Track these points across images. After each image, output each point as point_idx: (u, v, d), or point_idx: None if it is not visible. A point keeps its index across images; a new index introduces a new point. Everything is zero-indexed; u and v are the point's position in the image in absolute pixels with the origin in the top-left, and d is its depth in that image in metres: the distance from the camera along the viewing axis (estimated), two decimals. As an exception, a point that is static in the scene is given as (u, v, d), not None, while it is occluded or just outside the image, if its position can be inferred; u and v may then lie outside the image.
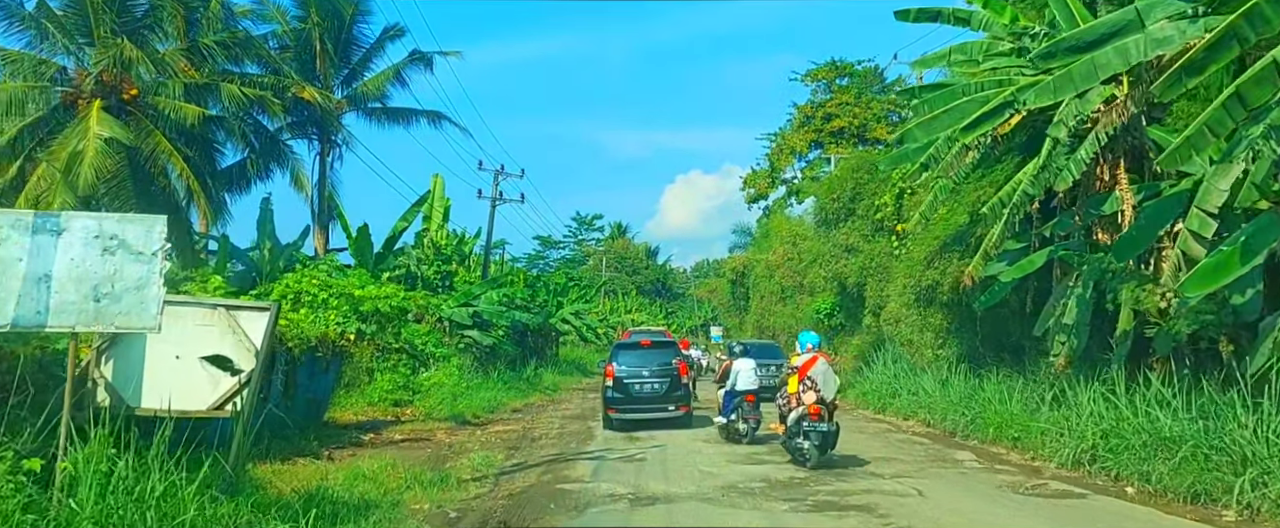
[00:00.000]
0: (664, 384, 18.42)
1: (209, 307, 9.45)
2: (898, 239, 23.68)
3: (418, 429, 19.01)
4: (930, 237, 18.94)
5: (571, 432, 18.12)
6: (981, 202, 18.15)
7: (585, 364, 47.01)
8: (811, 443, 12.33)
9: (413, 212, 29.08)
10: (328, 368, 18.66)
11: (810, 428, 12.34)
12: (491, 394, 25.87)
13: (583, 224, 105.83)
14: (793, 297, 44.04)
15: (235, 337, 9.22)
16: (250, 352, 9.11)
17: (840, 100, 58.62)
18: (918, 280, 18.75)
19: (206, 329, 9.25)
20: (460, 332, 28.94)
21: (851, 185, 24.94)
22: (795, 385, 12.90)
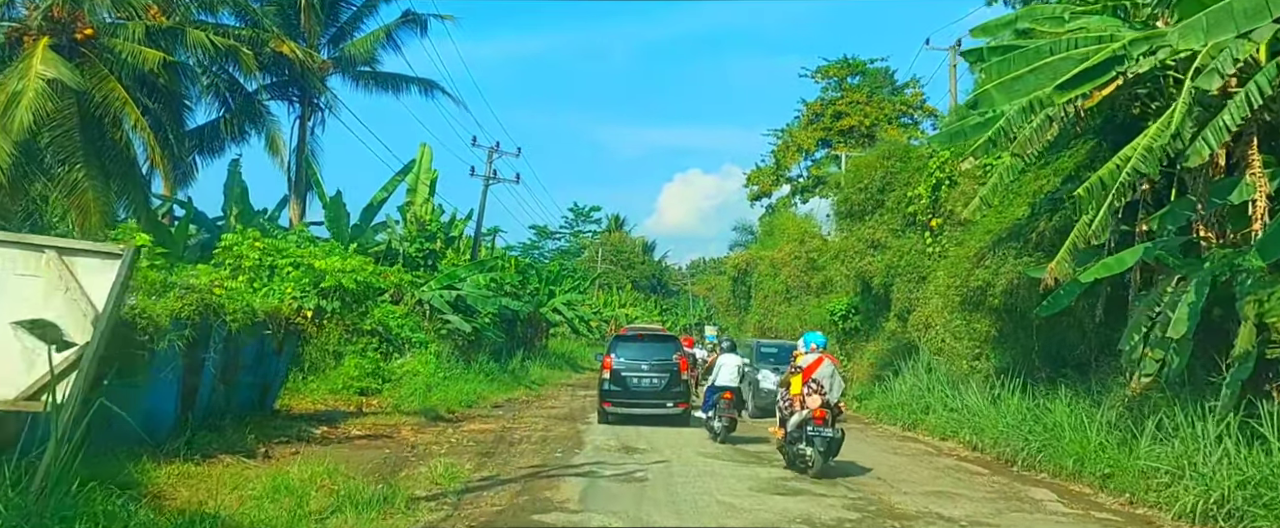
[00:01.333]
0: (663, 380, 17.77)
1: (32, 248, 6.47)
2: (931, 235, 21.22)
3: (381, 424, 16.54)
4: (981, 231, 16.46)
5: (557, 436, 15.62)
6: (1042, 191, 15.71)
7: (576, 358, 44.52)
8: (816, 449, 11.66)
9: (395, 181, 26.55)
10: (280, 349, 16.17)
11: (815, 433, 11.69)
12: (471, 386, 23.38)
13: (580, 216, 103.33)
14: (799, 297, 41.52)
15: (67, 295, 6.35)
16: (87, 317, 6.31)
17: (851, 99, 56.62)
18: (964, 281, 16.27)
19: (27, 281, 6.38)
20: (441, 316, 26.42)
21: (881, 174, 22.45)
22: (798, 387, 12.18)
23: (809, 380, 12.16)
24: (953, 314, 16.99)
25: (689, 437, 16.07)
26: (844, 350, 29.49)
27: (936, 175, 21.01)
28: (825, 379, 12.11)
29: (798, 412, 12.06)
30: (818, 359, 12.36)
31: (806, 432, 11.85)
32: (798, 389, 12.24)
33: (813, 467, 11.72)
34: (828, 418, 11.84)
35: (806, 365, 12.35)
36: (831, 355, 12.87)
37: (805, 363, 12.42)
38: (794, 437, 12.11)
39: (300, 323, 16.03)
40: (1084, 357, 14.97)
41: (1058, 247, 15.03)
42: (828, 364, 12.33)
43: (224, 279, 13.49)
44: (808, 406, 11.93)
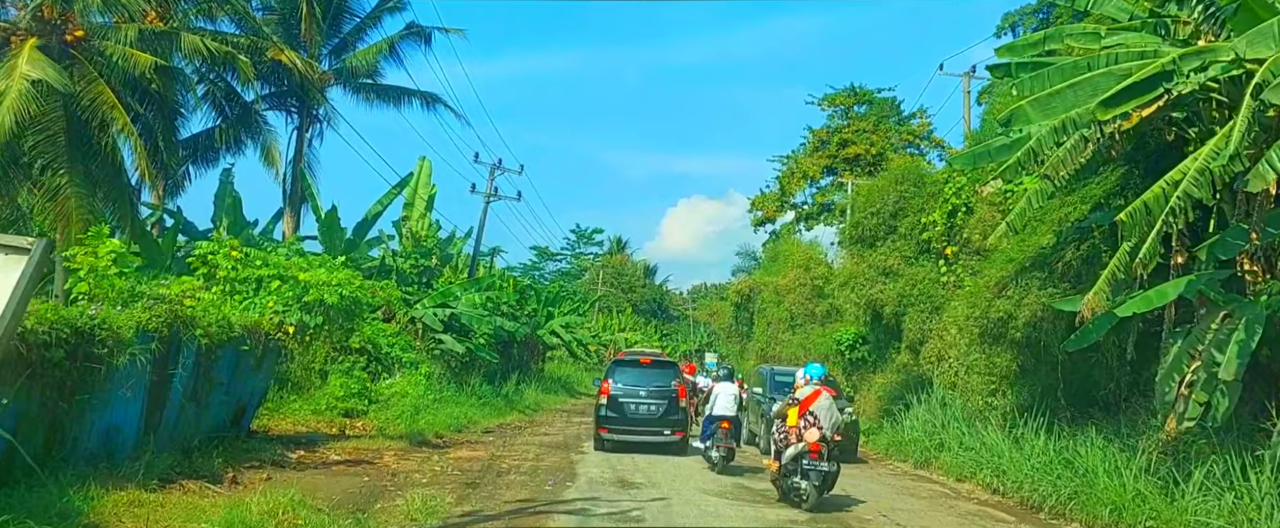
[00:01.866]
0: (661, 406, 17.32)
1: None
2: (946, 264, 20.36)
3: (363, 448, 15.62)
4: (1002, 260, 15.59)
5: (549, 466, 14.69)
6: (1068, 218, 14.88)
7: (573, 383, 43.57)
8: (811, 483, 11.46)
9: (392, 195, 25.77)
10: (259, 366, 15.26)
11: (811, 467, 11.49)
12: (462, 410, 22.48)
13: (582, 238, 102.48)
14: (803, 325, 40.57)
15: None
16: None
17: (857, 127, 56.18)
18: (984, 312, 15.39)
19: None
20: (434, 336, 25.53)
21: (894, 198, 21.61)
22: (795, 419, 11.99)
23: (806, 413, 11.96)
24: (970, 347, 16.09)
25: (688, 469, 15.14)
26: (851, 382, 28.54)
27: (952, 201, 20.19)
28: (822, 412, 11.90)
29: (794, 445, 11.81)
30: (816, 391, 12.16)
31: (802, 465, 11.61)
32: (794, 421, 12.03)
33: (807, 501, 11.50)
34: (824, 452, 11.61)
35: (804, 397, 12.14)
36: (830, 388, 12.68)
37: (803, 395, 12.22)
38: (789, 470, 11.86)
39: (281, 339, 15.17)
40: (1113, 396, 14.07)
41: (1085, 277, 14.22)
42: (826, 397, 12.11)
43: (196, 289, 12.58)
44: (805, 438, 11.71)
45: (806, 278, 41.26)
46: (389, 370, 22.55)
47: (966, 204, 20.07)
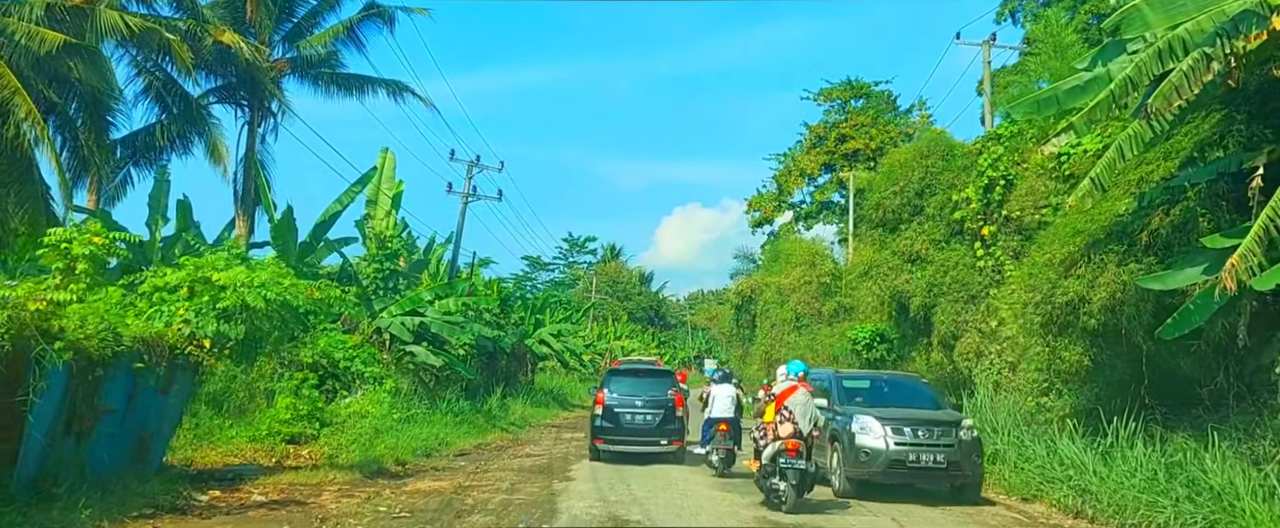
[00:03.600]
0: (657, 416, 16.86)
1: None
2: (983, 246, 17.68)
3: (300, 483, 12.86)
4: (1067, 232, 12.86)
5: (524, 501, 11.89)
6: (1151, 178, 12.18)
7: (565, 395, 40.65)
8: (788, 483, 11.24)
9: (352, 192, 22.97)
10: (166, 388, 12.48)
11: (788, 466, 11.29)
12: (433, 431, 19.66)
13: (574, 246, 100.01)
14: (809, 326, 37.95)
15: None
16: None
17: (856, 121, 53.95)
18: (1047, 296, 12.66)
19: None
20: (403, 348, 22.74)
21: (920, 175, 18.92)
22: (772, 415, 11.85)
23: (782, 408, 11.80)
24: (1031, 339, 13.34)
25: (696, 497, 12.39)
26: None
27: (989, 174, 17.52)
28: (798, 407, 11.74)
29: (771, 443, 11.58)
30: (792, 386, 12.03)
31: (779, 464, 11.39)
32: (770, 417, 11.89)
33: (785, 502, 11.21)
34: (801, 450, 11.43)
35: (780, 392, 12.02)
36: (808, 384, 12.42)
37: (779, 390, 12.11)
38: (768, 470, 11.57)
39: (194, 353, 12.37)
40: (1215, 393, 11.35)
41: (1177, 247, 11.53)
42: (801, 392, 11.96)
43: (48, 290, 9.83)
44: (780, 434, 11.51)
45: (812, 275, 38.69)
46: (348, 388, 19.76)
47: (1006, 177, 17.38)
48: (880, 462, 12.65)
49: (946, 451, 12.70)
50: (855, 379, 15.33)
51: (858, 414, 13.20)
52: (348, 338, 20.86)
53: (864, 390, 14.65)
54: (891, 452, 12.65)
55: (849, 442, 12.98)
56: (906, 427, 12.91)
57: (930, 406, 14.18)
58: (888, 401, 14.24)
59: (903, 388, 15.06)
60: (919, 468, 12.68)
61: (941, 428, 12.98)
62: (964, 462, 12.72)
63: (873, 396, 14.43)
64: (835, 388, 14.41)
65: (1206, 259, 10.75)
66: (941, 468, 12.70)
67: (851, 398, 14.15)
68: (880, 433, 12.78)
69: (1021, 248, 17.44)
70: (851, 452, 12.92)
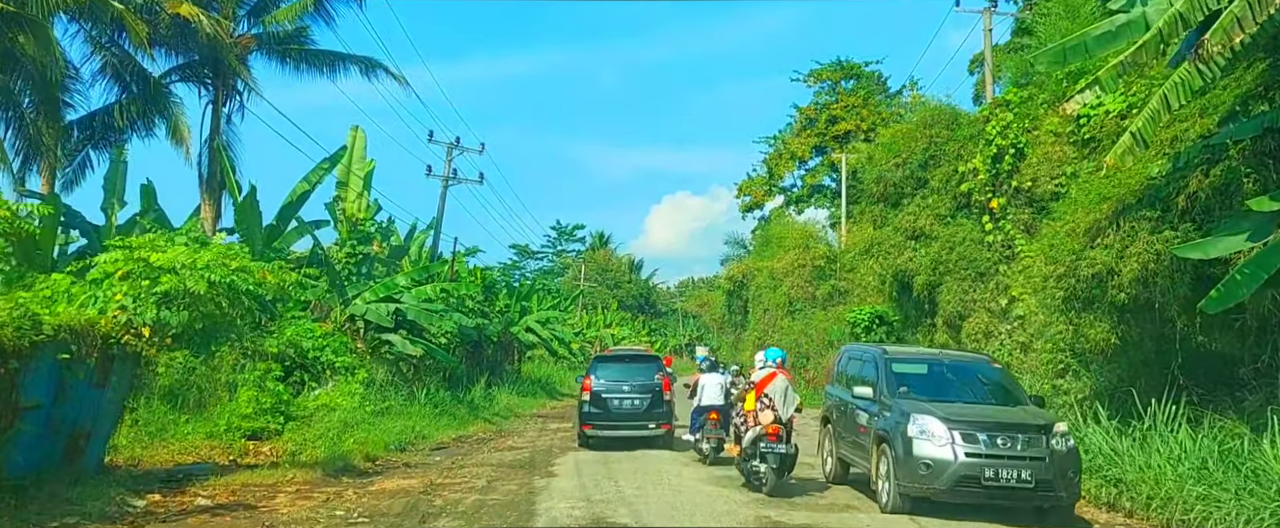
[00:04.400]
0: (645, 401, 16.88)
1: None
2: (992, 219, 16.58)
3: (256, 483, 11.69)
4: (1094, 198, 11.73)
5: (499, 501, 10.73)
6: (1188, 136, 11.07)
7: (553, 384, 39.50)
8: (769, 466, 11.46)
9: (320, 171, 21.67)
10: (102, 381, 11.27)
11: (768, 450, 11.48)
12: (410, 423, 18.52)
13: (563, 234, 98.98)
14: (803, 310, 36.85)
15: None
16: None
17: (846, 103, 53.09)
18: (1070, 269, 11.55)
19: None
20: (379, 336, 21.53)
21: (924, 146, 17.78)
22: (752, 402, 12.05)
23: (761, 396, 11.90)
24: (1052, 316, 12.21)
25: (689, 494, 11.26)
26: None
27: (997, 143, 16.39)
28: (777, 395, 11.82)
29: (752, 428, 11.79)
30: (770, 374, 12.03)
31: (760, 448, 11.55)
32: (751, 405, 12.02)
33: (765, 484, 11.43)
34: (781, 434, 11.59)
35: (759, 380, 12.08)
36: (786, 371, 12.39)
37: (759, 377, 12.17)
38: (748, 454, 11.83)
39: (132, 343, 11.16)
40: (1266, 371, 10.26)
41: (1218, 212, 10.43)
42: (780, 379, 11.97)
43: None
44: (761, 421, 11.66)
45: (806, 258, 37.61)
46: (318, 380, 18.55)
47: (1016, 145, 16.26)
48: (946, 477, 9.72)
49: (1035, 465, 9.65)
50: (908, 362, 12.04)
51: (916, 412, 10.25)
52: (317, 326, 19.63)
53: (919, 377, 11.49)
54: (962, 465, 9.68)
55: (904, 448, 10.07)
56: (982, 432, 9.84)
57: (1006, 400, 11.13)
58: (952, 392, 11.24)
59: (970, 374, 11.74)
60: (998, 487, 9.65)
61: (1028, 435, 9.88)
62: (1057, 480, 9.66)
63: (931, 384, 11.34)
64: (881, 373, 11.43)
65: (1252, 224, 9.69)
66: (1028, 488, 9.63)
67: (903, 387, 11.14)
68: (946, 439, 9.85)
69: (1033, 221, 16.36)
70: (907, 462, 10.03)
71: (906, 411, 10.38)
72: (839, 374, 13.32)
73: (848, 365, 13.07)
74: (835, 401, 12.95)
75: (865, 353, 12.63)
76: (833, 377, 13.51)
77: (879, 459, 10.67)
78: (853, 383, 12.09)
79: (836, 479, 12.50)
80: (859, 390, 11.20)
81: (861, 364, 12.33)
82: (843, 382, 12.86)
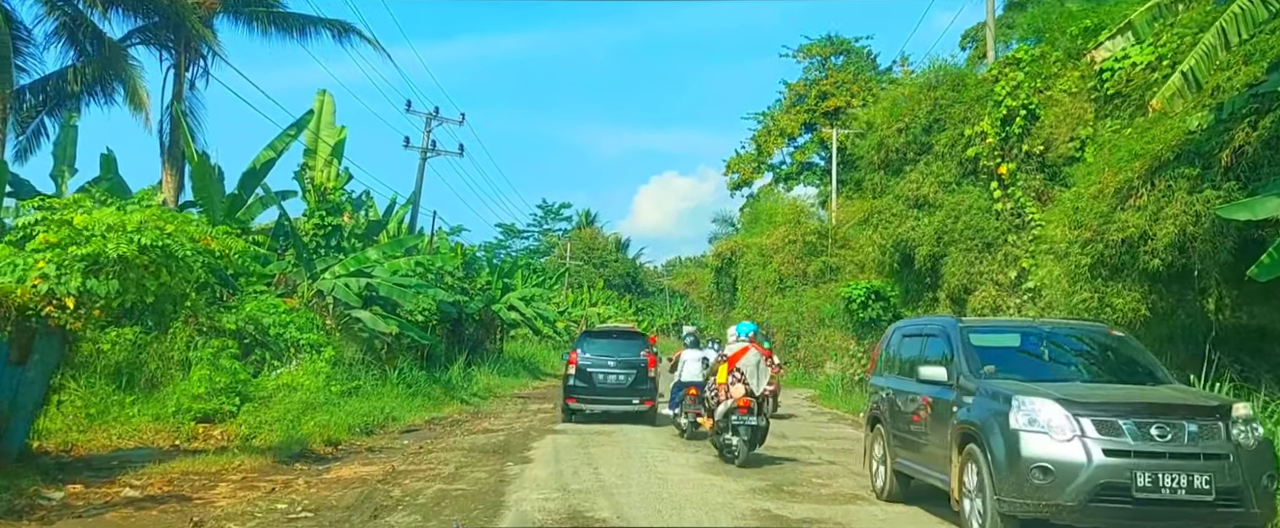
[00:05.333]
0: (629, 376, 17.12)
1: None
2: (1000, 186, 15.52)
3: (198, 472, 10.54)
4: (1124, 155, 10.63)
5: (464, 491, 9.62)
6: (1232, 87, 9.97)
7: (536, 363, 38.45)
8: (741, 438, 11.67)
9: (286, 138, 20.40)
10: (23, 357, 10.09)
11: (740, 422, 11.67)
12: (380, 404, 17.37)
13: (549, 213, 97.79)
14: (793, 287, 35.88)
15: None
16: None
17: (837, 79, 52.05)
18: (1098, 233, 10.48)
19: None
20: (349, 313, 20.35)
21: (927, 109, 16.67)
22: (724, 376, 12.21)
23: (733, 370, 12.06)
24: (1078, 286, 11.14)
25: (677, 483, 10.15)
26: (862, 347, 23.78)
27: (1007, 104, 15.29)
28: (749, 368, 12.05)
29: (723, 402, 11.96)
30: (743, 349, 12.24)
31: (732, 421, 11.74)
32: (723, 378, 12.16)
33: (738, 456, 11.63)
34: (753, 407, 11.72)
35: (732, 354, 12.24)
36: (759, 345, 12.61)
37: (731, 351, 12.33)
38: (721, 427, 11.97)
39: (54, 315, 9.97)
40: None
41: (1266, 168, 9.36)
42: (753, 353, 12.19)
43: None
44: (732, 394, 11.82)
45: (797, 234, 36.59)
46: (281, 358, 17.37)
47: (1027, 106, 15.17)
48: (1076, 488, 6.76)
49: (1214, 467, 6.75)
50: (993, 332, 9.18)
51: (1021, 395, 7.21)
52: (281, 302, 18.43)
53: (1010, 352, 8.57)
54: (1100, 469, 6.75)
55: (1005, 448, 7.09)
56: (1126, 419, 6.93)
57: (1142, 377, 8.22)
58: (1059, 369, 8.41)
59: (1081, 346, 8.87)
60: (1159, 501, 6.67)
61: (1199, 422, 6.98)
62: (1247, 488, 6.76)
63: (1028, 361, 8.47)
64: (958, 347, 8.41)
65: None
66: (1205, 501, 6.67)
67: (989, 365, 8.06)
68: (1070, 430, 6.93)
69: (1045, 188, 15.32)
70: (1012, 468, 7.02)
71: (1005, 393, 7.36)
72: (889, 360, 10.25)
73: (902, 346, 9.99)
74: (886, 394, 9.89)
75: (929, 325, 9.78)
76: (879, 365, 10.61)
77: (964, 467, 7.66)
78: (913, 368, 9.07)
79: (892, 496, 9.38)
80: (927, 372, 8.31)
81: (923, 341, 9.36)
82: (895, 368, 9.91)
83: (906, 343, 9.89)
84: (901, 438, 9.24)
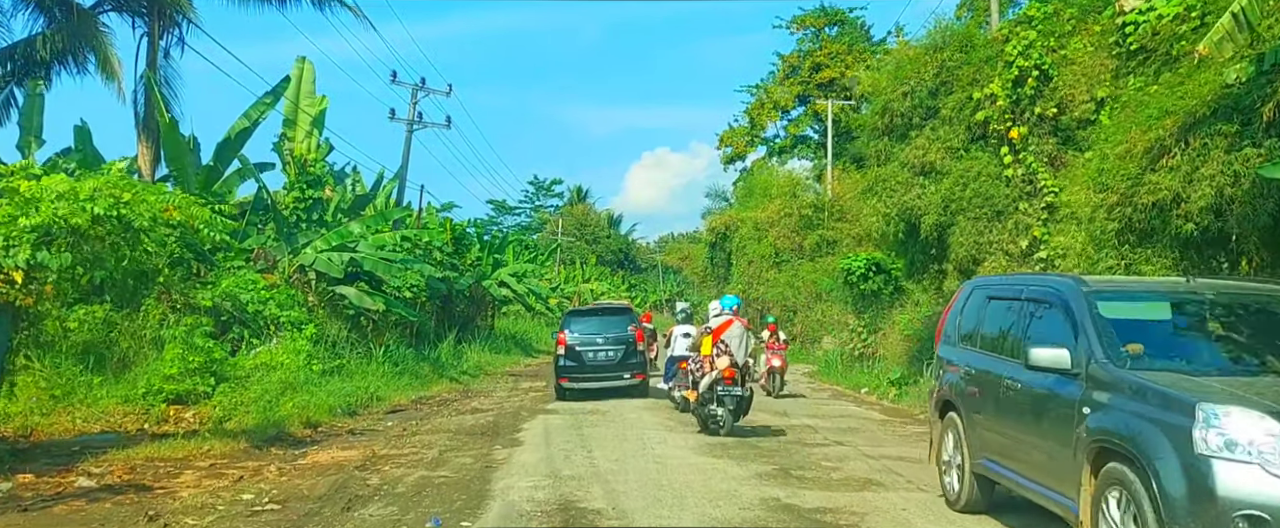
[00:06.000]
0: (619, 352, 17.29)
1: None
2: (1011, 151, 14.80)
3: (163, 458, 9.85)
4: (1153, 111, 9.91)
5: (448, 478, 8.93)
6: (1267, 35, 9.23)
7: (529, 340, 37.80)
8: (726, 409, 11.83)
9: (262, 106, 19.54)
10: (-30, 337, 9.37)
11: (725, 393, 11.82)
12: (366, 383, 16.75)
13: (541, 189, 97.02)
14: (789, 261, 35.18)
15: None
16: None
17: (830, 50, 51.12)
18: (1126, 196, 9.78)
19: None
20: (332, 289, 19.59)
21: (934, 71, 15.88)
22: (709, 348, 12.26)
23: (718, 342, 12.18)
24: (1104, 253, 10.44)
25: (677, 469, 9.45)
26: (862, 321, 23.14)
27: (1019, 65, 14.53)
28: (733, 340, 12.20)
29: (708, 373, 12.01)
30: (727, 321, 12.42)
31: (717, 391, 11.85)
32: (708, 350, 12.24)
33: (723, 426, 11.78)
34: (737, 377, 11.89)
35: (716, 327, 12.39)
36: (742, 318, 12.84)
37: (716, 324, 12.47)
38: (706, 398, 12.03)
39: (2, 290, 9.23)
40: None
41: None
42: (737, 325, 12.38)
43: None
44: (717, 366, 11.90)
45: (793, 207, 35.81)
46: (260, 336, 16.64)
47: (1039, 67, 14.42)
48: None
49: None
50: (1131, 299, 6.54)
51: (1206, 400, 4.85)
52: (261, 278, 17.66)
53: (1161, 329, 6.30)
54: None
55: (1185, 480, 4.79)
56: None
57: None
58: (1242, 361, 5.98)
59: (1261, 317, 6.32)
60: None
61: None
62: None
63: (1190, 343, 6.24)
64: (1084, 320, 6.09)
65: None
66: None
67: (1132, 345, 5.77)
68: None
69: (1058, 152, 14.59)
70: (1198, 509, 4.70)
71: (1178, 396, 5.05)
72: (967, 333, 7.92)
73: (986, 312, 7.67)
74: (966, 373, 7.68)
75: (1031, 286, 7.22)
76: (949, 332, 8.33)
77: (1103, 493, 5.42)
78: (1006, 343, 7.08)
79: (970, 506, 7.37)
80: (1041, 356, 5.98)
81: (1022, 309, 7.08)
82: (977, 342, 7.66)
83: (993, 309, 7.53)
84: (990, 435, 7.07)
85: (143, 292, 15.33)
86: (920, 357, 18.07)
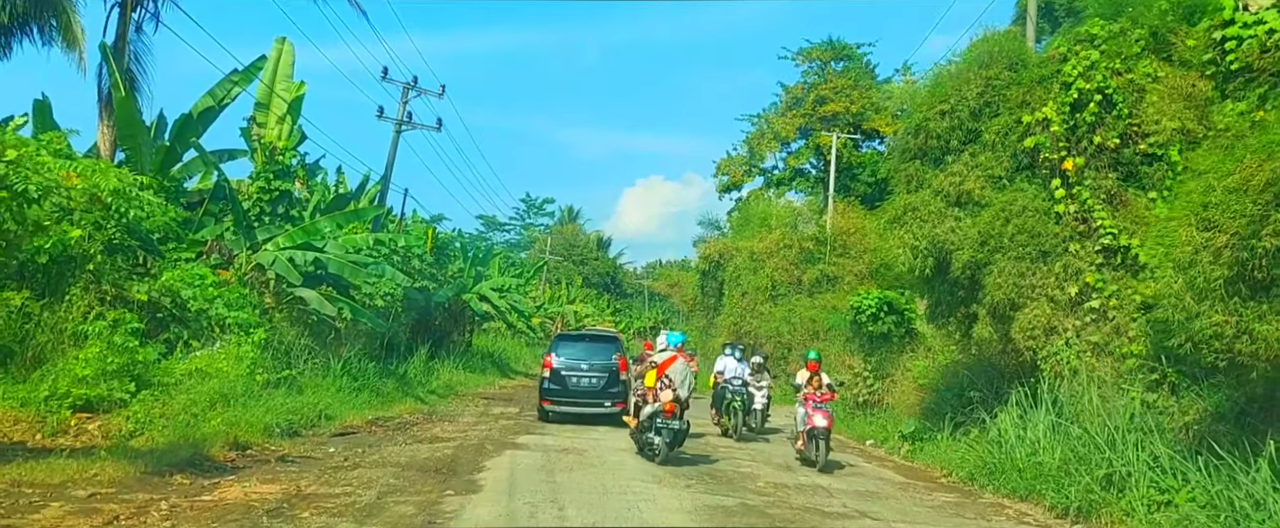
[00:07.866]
0: (602, 380, 17.53)
1: None
2: (1064, 184, 13.07)
3: (32, 483, 7.98)
4: (1272, 138, 8.18)
5: None
6: None
7: (507, 359, 35.80)
8: (663, 439, 12.37)
9: (228, 85, 17.68)
10: None
11: (664, 425, 12.40)
12: (314, 400, 14.80)
13: (532, 207, 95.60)
14: (786, 296, 33.35)
15: None
16: None
17: (835, 84, 49.88)
18: (1243, 238, 8.01)
19: None
20: (291, 290, 17.67)
21: (978, 89, 14.17)
22: (653, 381, 12.81)
23: (662, 376, 12.68)
24: (1206, 305, 8.64)
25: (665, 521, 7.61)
26: (869, 365, 21.27)
27: (1078, 87, 12.84)
28: (677, 375, 12.65)
29: (650, 404, 12.56)
30: (671, 357, 12.92)
31: (656, 423, 12.37)
32: (652, 382, 12.74)
33: (659, 455, 12.27)
34: (676, 412, 12.43)
35: (661, 361, 12.94)
36: (686, 354, 13.35)
37: (661, 359, 13.06)
38: (645, 426, 12.57)
39: None
40: None
41: None
42: (681, 362, 12.88)
43: None
44: (660, 399, 12.41)
45: (793, 239, 34.08)
46: (200, 338, 14.72)
47: (1102, 90, 12.73)
48: None
49: None
50: None
51: None
52: (211, 273, 15.76)
53: None
54: None
55: None
56: None
57: None
58: None
59: None
60: None
61: None
62: None
63: None
64: None
65: None
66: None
67: None
68: None
69: (1119, 189, 12.87)
70: None
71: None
72: None
73: None
74: None
75: None
76: None
77: None
78: None
79: None
80: None
81: None
82: None
83: None
84: None
85: (68, 279, 13.46)
86: (938, 410, 16.29)
